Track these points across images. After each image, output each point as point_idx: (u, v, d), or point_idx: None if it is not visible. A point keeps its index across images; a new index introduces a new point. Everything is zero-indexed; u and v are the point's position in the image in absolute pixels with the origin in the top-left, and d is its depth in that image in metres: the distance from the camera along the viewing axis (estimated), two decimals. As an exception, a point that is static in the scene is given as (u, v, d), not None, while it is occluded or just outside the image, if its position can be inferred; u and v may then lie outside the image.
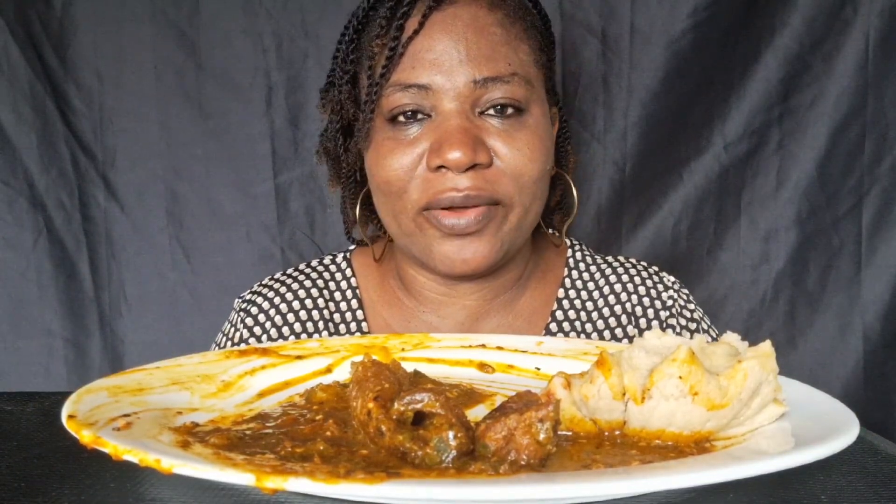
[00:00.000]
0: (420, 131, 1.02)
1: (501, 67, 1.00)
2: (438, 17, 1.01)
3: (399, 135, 1.02)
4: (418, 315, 1.16)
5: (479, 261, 1.02)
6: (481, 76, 0.99)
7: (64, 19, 1.56)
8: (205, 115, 1.60)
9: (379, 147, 1.04)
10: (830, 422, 0.59)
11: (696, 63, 1.56)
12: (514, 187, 1.02)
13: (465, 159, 0.97)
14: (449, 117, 1.00)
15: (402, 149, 1.02)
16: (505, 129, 1.01)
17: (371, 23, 1.05)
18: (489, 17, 1.02)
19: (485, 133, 1.01)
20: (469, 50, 0.99)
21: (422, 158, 1.01)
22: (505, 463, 0.54)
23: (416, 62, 1.00)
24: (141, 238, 1.62)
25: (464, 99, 1.00)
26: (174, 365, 0.76)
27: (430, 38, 1.00)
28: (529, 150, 1.02)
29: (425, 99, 1.00)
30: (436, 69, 0.99)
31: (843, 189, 1.60)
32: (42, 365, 1.61)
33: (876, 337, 1.61)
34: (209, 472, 0.49)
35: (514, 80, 1.01)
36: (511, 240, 1.05)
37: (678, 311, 1.17)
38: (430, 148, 1.00)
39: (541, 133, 1.04)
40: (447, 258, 1.03)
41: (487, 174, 1.00)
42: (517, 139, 1.01)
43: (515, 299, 1.16)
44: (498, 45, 1.01)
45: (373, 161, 1.06)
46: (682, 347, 0.60)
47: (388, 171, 1.03)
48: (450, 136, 0.98)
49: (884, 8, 1.53)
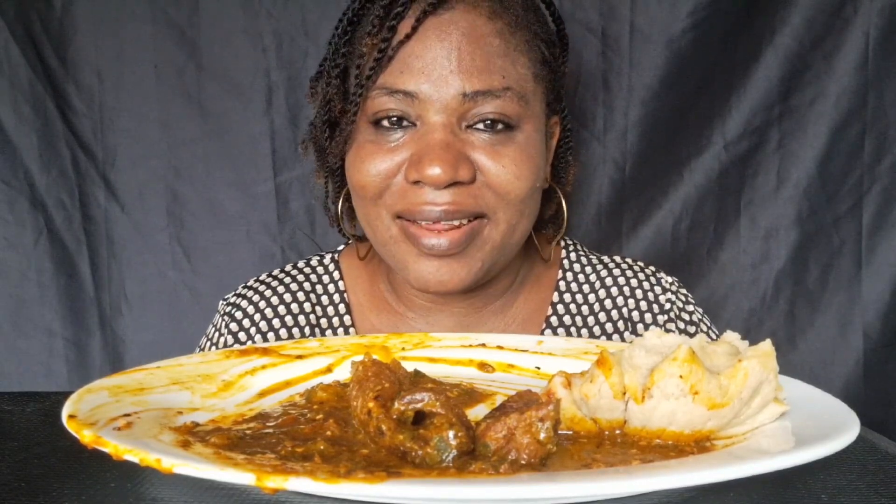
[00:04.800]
0: (403, 139, 0.98)
1: (495, 81, 0.96)
2: (434, 22, 0.96)
3: (381, 139, 0.99)
4: (407, 321, 1.13)
5: (455, 283, 0.99)
6: (472, 89, 0.95)
7: (64, 19, 1.56)
8: (205, 114, 1.60)
9: (360, 149, 1.01)
10: (831, 421, 0.59)
11: (696, 63, 1.56)
12: (499, 203, 0.98)
13: (444, 177, 0.94)
14: (433, 130, 0.96)
15: (382, 154, 0.98)
16: (492, 143, 0.97)
17: (365, 17, 1.01)
18: (488, 26, 0.97)
19: (469, 147, 0.97)
20: (462, 60, 0.95)
21: (401, 167, 0.98)
22: (505, 462, 0.54)
23: (406, 67, 0.96)
24: (141, 238, 1.62)
25: (451, 111, 0.96)
26: (175, 365, 0.76)
27: (423, 44, 0.96)
28: (516, 167, 0.98)
29: (411, 107, 0.97)
30: (424, 77, 0.95)
31: (843, 188, 1.60)
32: (43, 365, 1.61)
33: (876, 336, 1.61)
34: (210, 471, 0.49)
35: (506, 96, 0.96)
36: (493, 259, 1.01)
37: (676, 315, 1.15)
38: (409, 160, 0.97)
39: (530, 150, 1.00)
40: (422, 278, 0.99)
41: (470, 189, 0.97)
42: (504, 155, 0.97)
43: (507, 306, 1.14)
44: (494, 56, 0.96)
45: (351, 162, 1.02)
46: (683, 346, 0.60)
47: (364, 176, 0.99)
48: (430, 150, 0.94)
49: (884, 7, 1.53)
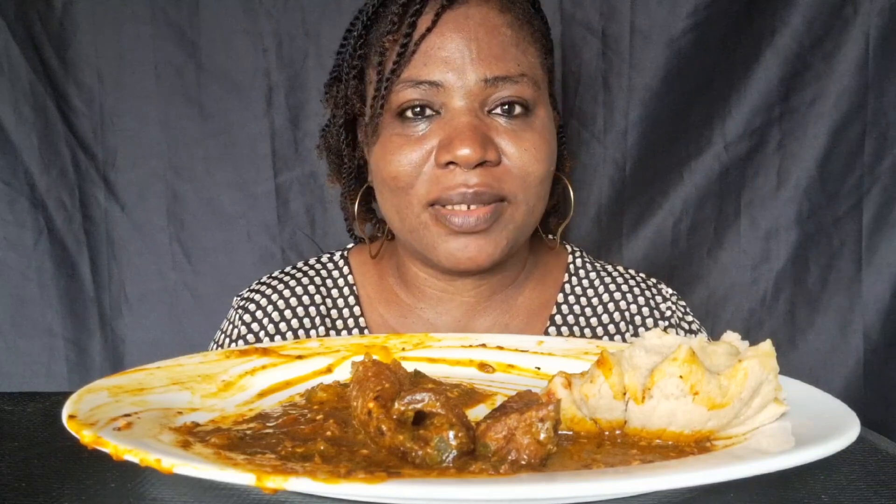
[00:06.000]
0: (429, 128, 1.03)
1: (511, 67, 1.02)
2: (451, 15, 1.02)
3: (407, 131, 1.03)
4: (415, 311, 1.17)
5: (483, 258, 1.03)
6: (492, 75, 1.01)
7: (64, 19, 1.56)
8: (205, 115, 1.60)
9: (387, 143, 1.05)
10: (831, 421, 0.59)
11: (696, 63, 1.56)
12: (520, 186, 1.03)
13: (474, 156, 0.98)
14: (459, 114, 1.01)
15: (410, 145, 1.03)
16: (512, 128, 1.03)
17: (381, 19, 1.06)
18: (500, 18, 1.03)
19: (493, 132, 1.02)
20: (480, 49, 1.01)
21: (430, 155, 1.02)
22: (505, 462, 0.54)
23: (428, 59, 1.01)
24: (141, 238, 1.62)
25: (473, 97, 1.01)
26: (175, 365, 0.76)
27: (443, 37, 1.01)
28: (535, 151, 1.03)
29: (436, 96, 1.02)
30: (447, 67, 1.01)
31: (843, 188, 1.60)
32: (43, 365, 1.61)
33: (876, 336, 1.61)
34: (210, 471, 0.49)
35: (522, 81, 1.02)
36: (515, 237, 1.06)
37: (677, 323, 1.19)
38: (439, 144, 1.01)
39: (546, 135, 1.06)
40: (452, 255, 1.04)
41: (495, 172, 1.02)
42: (524, 139, 1.03)
43: (512, 298, 1.17)
44: (508, 45, 1.03)
45: (379, 156, 1.06)
46: (683, 347, 0.60)
47: (396, 167, 1.03)
48: (460, 132, 0.99)
49: (884, 7, 1.53)
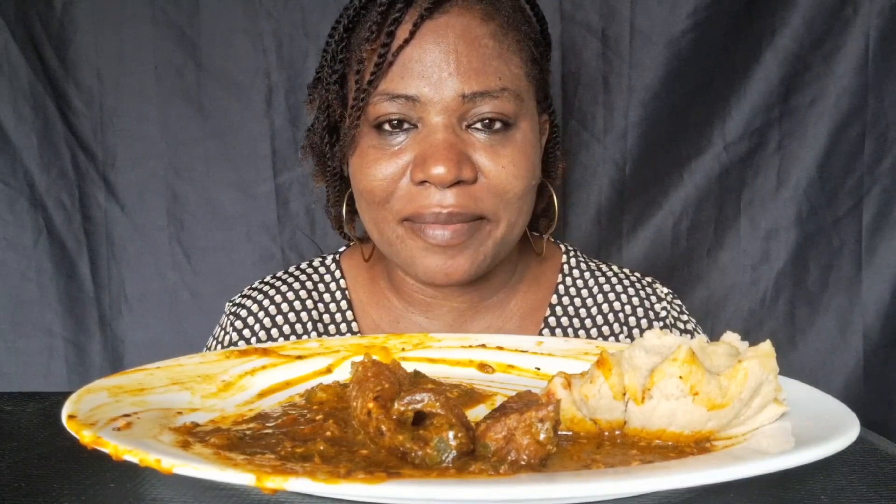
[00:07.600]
0: (406, 142, 1.00)
1: (491, 82, 0.99)
2: (430, 25, 0.98)
3: (384, 143, 1.01)
4: (407, 316, 1.16)
5: (460, 274, 1.02)
6: (470, 90, 0.97)
7: (64, 19, 1.56)
8: (205, 115, 1.60)
9: (363, 154, 1.03)
10: (831, 421, 0.59)
11: (696, 63, 1.56)
12: (498, 203, 1.01)
13: (449, 175, 0.96)
14: (435, 130, 0.98)
15: (386, 158, 1.01)
16: (491, 144, 1.00)
17: (361, 24, 1.03)
18: (482, 28, 1.00)
19: (470, 148, 0.99)
20: (459, 62, 0.98)
21: (406, 170, 1.00)
22: (505, 463, 0.54)
23: (406, 72, 0.98)
24: (141, 238, 1.62)
25: (451, 112, 0.98)
26: (175, 365, 0.76)
27: (421, 49, 0.98)
28: (514, 167, 1.00)
29: (412, 110, 0.99)
30: (424, 81, 0.98)
31: (843, 189, 1.60)
32: (42, 365, 1.61)
33: (876, 336, 1.61)
34: (209, 472, 0.49)
35: (503, 96, 0.99)
36: (494, 253, 1.04)
37: (672, 323, 1.18)
38: (414, 161, 0.99)
39: (527, 149, 1.03)
40: (428, 270, 1.02)
41: (472, 190, 0.99)
42: (502, 155, 1.00)
43: (505, 301, 1.16)
44: (489, 58, 0.99)
45: (357, 168, 1.04)
46: (683, 347, 0.60)
47: (371, 181, 1.01)
48: (435, 150, 0.97)
49: (884, 8, 1.53)
